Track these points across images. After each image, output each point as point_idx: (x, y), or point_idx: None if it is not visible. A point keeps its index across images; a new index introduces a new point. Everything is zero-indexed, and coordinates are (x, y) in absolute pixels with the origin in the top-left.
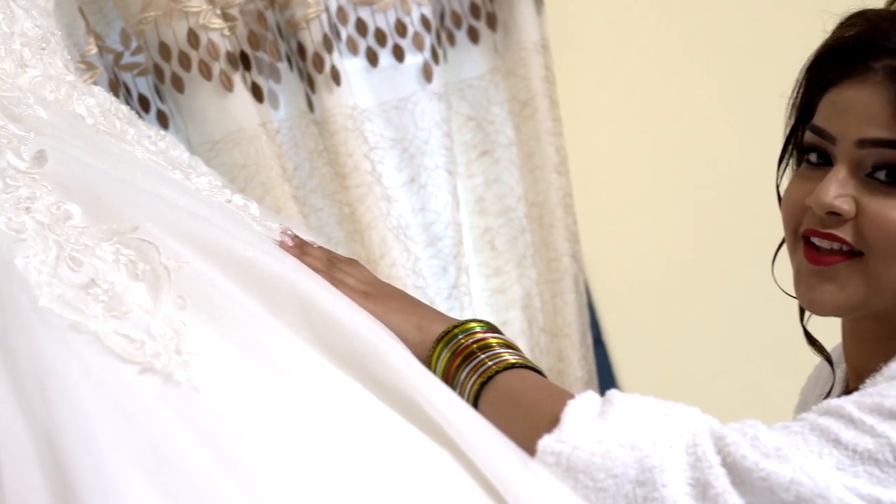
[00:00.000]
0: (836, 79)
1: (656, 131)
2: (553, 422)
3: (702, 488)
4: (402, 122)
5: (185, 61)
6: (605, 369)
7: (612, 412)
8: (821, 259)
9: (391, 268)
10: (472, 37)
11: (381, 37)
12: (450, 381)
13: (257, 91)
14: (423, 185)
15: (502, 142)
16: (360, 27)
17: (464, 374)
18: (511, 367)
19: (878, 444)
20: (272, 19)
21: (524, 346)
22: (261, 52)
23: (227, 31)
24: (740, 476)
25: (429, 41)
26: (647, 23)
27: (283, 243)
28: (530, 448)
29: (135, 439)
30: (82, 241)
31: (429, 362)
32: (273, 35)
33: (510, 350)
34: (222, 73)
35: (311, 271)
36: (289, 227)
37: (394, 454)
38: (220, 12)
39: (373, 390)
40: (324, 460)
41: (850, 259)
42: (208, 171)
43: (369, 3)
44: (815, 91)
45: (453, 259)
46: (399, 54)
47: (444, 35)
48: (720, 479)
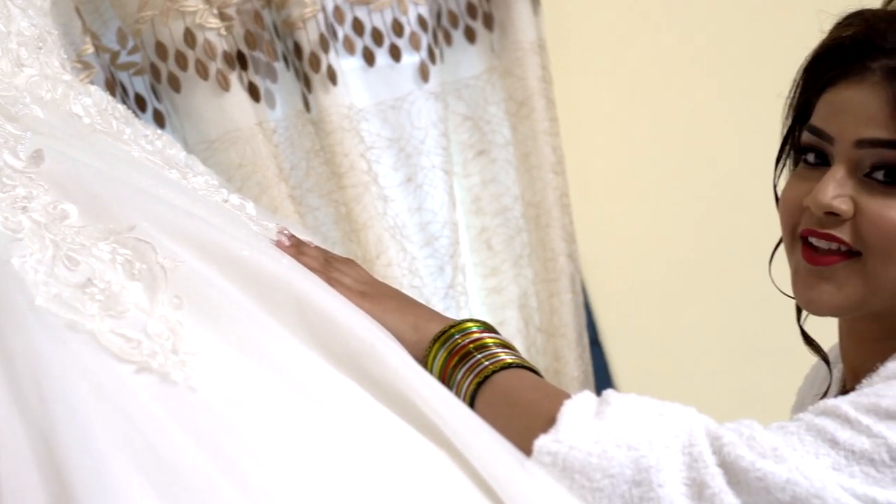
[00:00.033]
0: (834, 79)
1: (653, 131)
2: (549, 422)
3: (698, 488)
4: (398, 122)
5: (181, 61)
6: (601, 369)
7: (609, 412)
8: (819, 259)
9: (387, 267)
10: (469, 36)
11: (377, 36)
12: (446, 380)
13: (254, 90)
14: (419, 185)
15: (499, 141)
16: (357, 27)
17: (460, 374)
18: (507, 366)
19: (874, 445)
20: (269, 19)
21: (520, 345)
22: (257, 52)
23: (223, 31)
24: (736, 476)
25: (425, 41)
26: (644, 23)
27: (279, 243)
28: (527, 448)
29: (132, 439)
30: (79, 240)
31: (425, 362)
32: (270, 35)
33: (507, 350)
34: (219, 72)
35: (307, 271)
36: (285, 226)
37: (390, 454)
38: (216, 12)
39: (369, 390)
40: (321, 459)
41: (848, 259)
42: (205, 170)
43: (366, 2)
44: (813, 91)
45: (450, 259)
46: (396, 54)
47: (441, 35)
48: (716, 479)
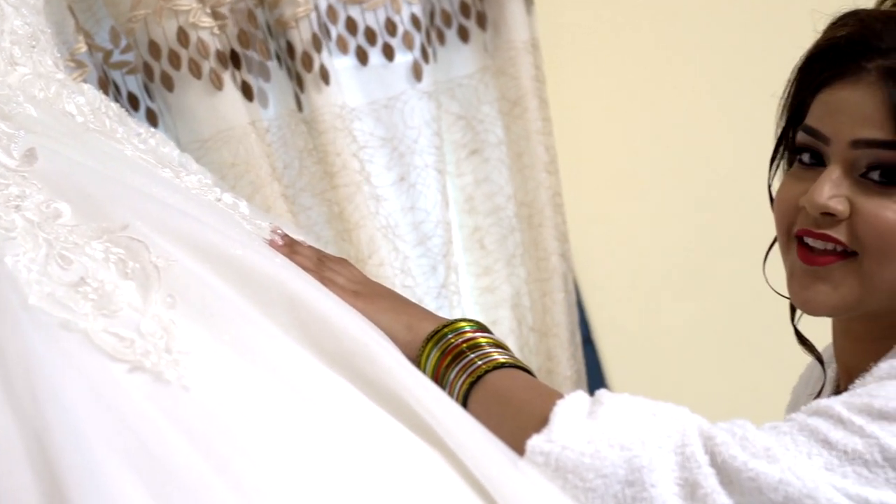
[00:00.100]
0: (829, 79)
1: (646, 131)
2: (542, 421)
3: (690, 488)
4: (391, 121)
5: (174, 60)
6: (594, 368)
7: (602, 412)
8: (815, 259)
9: (379, 267)
10: (463, 36)
11: (370, 35)
12: (439, 380)
13: (247, 90)
14: (412, 184)
15: (492, 141)
16: (350, 26)
17: (453, 374)
18: (500, 366)
19: (866, 445)
20: (262, 18)
21: (513, 345)
22: (251, 51)
23: (216, 30)
24: (729, 476)
25: (419, 40)
26: (637, 22)
27: (273, 242)
28: (519, 448)
29: (125, 438)
30: (72, 239)
31: (418, 361)
32: (263, 34)
33: (500, 349)
34: (212, 71)
35: (301, 270)
36: (279, 225)
37: (383, 453)
38: (209, 11)
39: (362, 389)
40: (314, 459)
41: (844, 259)
42: (198, 168)
43: (359, 1)
44: (808, 91)
45: (443, 258)
46: (389, 53)
47: (434, 34)
48: (709, 480)
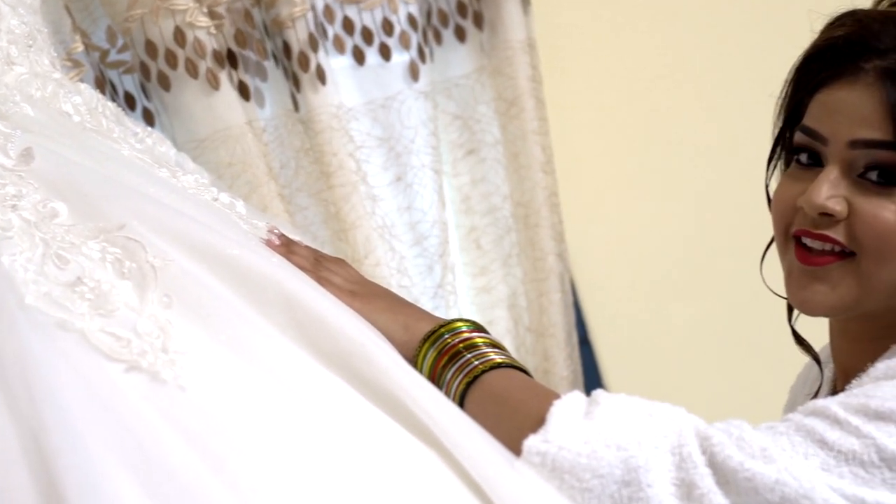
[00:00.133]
0: (827, 79)
1: (643, 131)
2: (539, 422)
3: (687, 488)
4: (388, 121)
5: (171, 59)
6: (590, 369)
7: (598, 412)
8: (813, 260)
9: (375, 267)
10: (459, 35)
11: (367, 35)
12: (436, 380)
13: (244, 89)
14: (409, 184)
15: (488, 141)
16: (347, 25)
17: (450, 374)
18: (497, 366)
19: (863, 445)
20: (259, 17)
21: (510, 345)
22: (247, 51)
23: (213, 30)
24: (725, 476)
25: (415, 40)
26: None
27: (269, 242)
28: (516, 448)
29: (121, 438)
30: (69, 238)
31: (415, 362)
32: (260, 33)
33: (496, 349)
34: (209, 71)
35: (297, 270)
36: (275, 225)
37: (380, 453)
38: (206, 10)
39: (359, 389)
40: (310, 459)
41: (842, 259)
42: (195, 167)
43: (356, 1)
44: (805, 91)
45: (439, 258)
46: (386, 53)
47: (431, 33)
48: (705, 480)
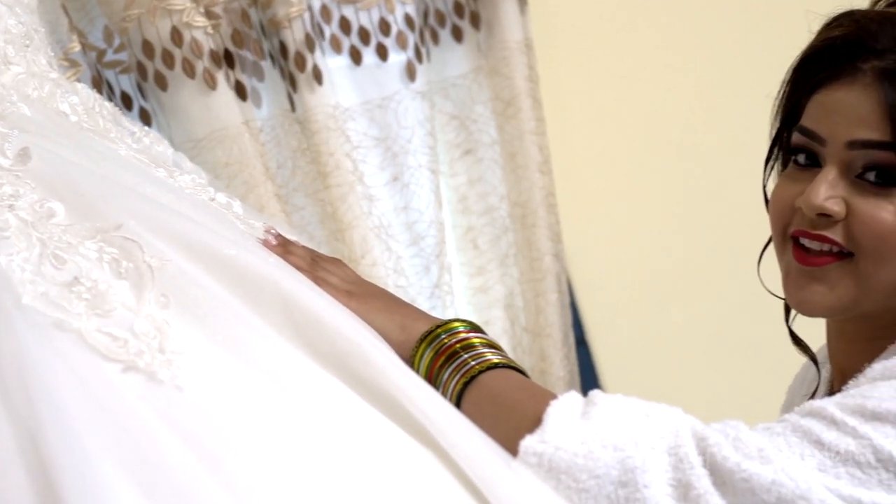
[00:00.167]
0: (825, 80)
1: (640, 131)
2: (535, 422)
3: (683, 489)
4: (385, 121)
5: (168, 59)
6: (587, 369)
7: (595, 413)
8: (811, 260)
9: (372, 267)
10: (456, 36)
11: (364, 35)
12: (433, 380)
13: (241, 89)
14: (406, 184)
15: (485, 141)
16: (344, 25)
17: (447, 374)
18: (494, 367)
19: (859, 446)
20: (256, 17)
21: (506, 345)
22: (244, 51)
23: (210, 30)
24: (722, 477)
25: (412, 40)
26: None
27: (266, 242)
28: (513, 448)
29: (118, 438)
30: (66, 238)
31: (412, 362)
32: (257, 33)
33: (493, 350)
34: (206, 71)
35: (294, 270)
36: (272, 225)
37: (376, 453)
38: (203, 10)
39: (356, 389)
40: (307, 459)
41: (840, 260)
42: (192, 167)
43: (353, 1)
44: (803, 92)
45: (436, 258)
46: (383, 53)
47: (428, 34)
48: (702, 481)
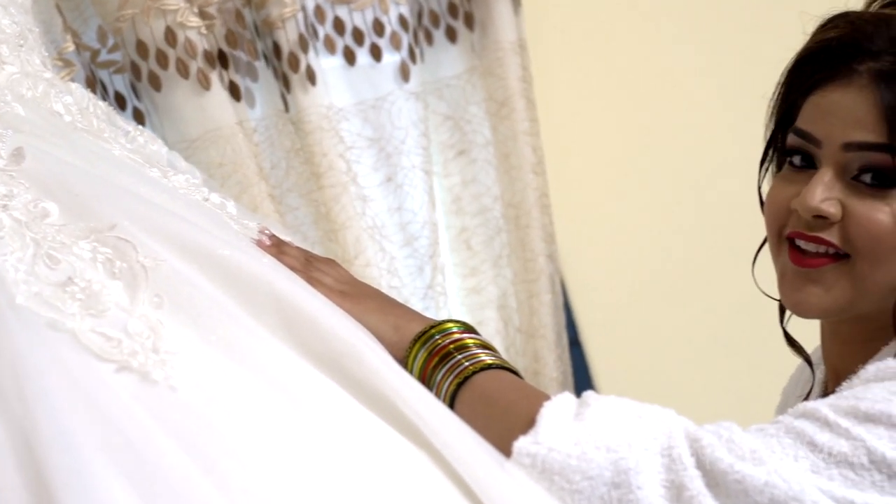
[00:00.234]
0: (820, 82)
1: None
2: (529, 423)
3: (676, 490)
4: (379, 122)
5: (162, 59)
6: (581, 370)
7: (588, 414)
8: (806, 262)
9: (365, 268)
10: (450, 36)
11: (358, 36)
12: (426, 381)
13: (235, 90)
14: (399, 185)
15: (479, 141)
16: (338, 26)
17: (440, 375)
18: (487, 367)
19: (853, 447)
20: (249, 18)
21: (500, 346)
22: (238, 51)
23: (204, 30)
24: (715, 478)
25: (406, 40)
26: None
27: (260, 242)
28: (506, 449)
29: (111, 438)
30: (59, 238)
31: (405, 362)
32: (251, 34)
33: (487, 351)
34: (199, 71)
35: (288, 270)
36: (266, 225)
37: (370, 454)
38: (197, 10)
39: (350, 390)
40: (301, 460)
41: (836, 262)
42: (187, 167)
43: (347, 1)
44: (799, 94)
45: (429, 259)
46: (376, 53)
47: (422, 34)
48: (695, 482)
